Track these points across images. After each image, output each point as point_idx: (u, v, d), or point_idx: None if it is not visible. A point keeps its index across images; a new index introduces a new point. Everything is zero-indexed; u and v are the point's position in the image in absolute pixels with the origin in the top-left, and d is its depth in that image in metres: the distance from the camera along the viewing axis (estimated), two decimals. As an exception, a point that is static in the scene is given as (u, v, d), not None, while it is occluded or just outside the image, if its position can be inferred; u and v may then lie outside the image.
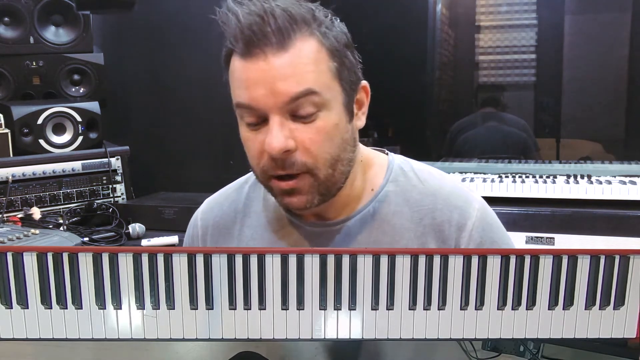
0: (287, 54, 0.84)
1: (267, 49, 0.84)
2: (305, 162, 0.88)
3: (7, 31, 2.30)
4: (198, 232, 1.12)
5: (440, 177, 1.04)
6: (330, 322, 0.81)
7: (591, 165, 2.29)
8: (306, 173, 0.89)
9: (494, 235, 1.00)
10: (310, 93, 0.85)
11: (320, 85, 0.86)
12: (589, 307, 0.82)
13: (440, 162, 2.46)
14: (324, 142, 0.88)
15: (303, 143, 0.87)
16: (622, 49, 2.33)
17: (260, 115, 0.87)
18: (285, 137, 0.86)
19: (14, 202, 2.11)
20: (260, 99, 0.85)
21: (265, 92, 0.84)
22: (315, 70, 0.86)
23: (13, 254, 0.79)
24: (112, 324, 0.81)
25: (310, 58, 0.86)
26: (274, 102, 0.85)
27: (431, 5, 2.53)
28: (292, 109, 0.86)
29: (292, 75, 0.84)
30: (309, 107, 0.86)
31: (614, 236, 1.81)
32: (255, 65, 0.85)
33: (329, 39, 0.88)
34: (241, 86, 0.87)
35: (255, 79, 0.85)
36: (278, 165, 0.88)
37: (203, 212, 1.13)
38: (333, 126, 0.89)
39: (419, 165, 1.06)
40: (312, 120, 0.87)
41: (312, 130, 0.87)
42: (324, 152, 0.88)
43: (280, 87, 0.84)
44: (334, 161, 0.90)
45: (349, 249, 0.93)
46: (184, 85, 2.61)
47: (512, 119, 2.51)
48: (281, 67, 0.84)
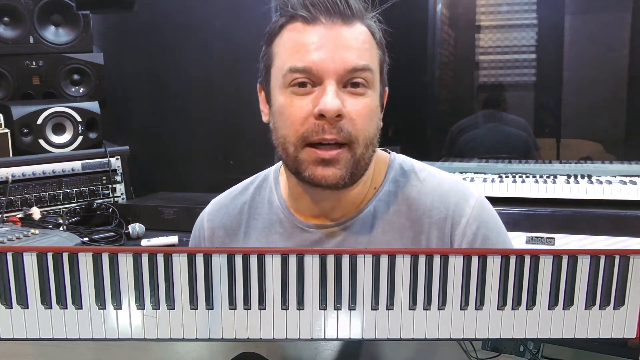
0: (352, 29, 0.90)
1: (335, 18, 0.89)
2: (350, 132, 0.90)
3: (7, 31, 2.30)
4: (205, 233, 1.12)
5: (440, 176, 1.05)
6: (330, 322, 0.81)
7: (591, 165, 2.29)
8: (346, 145, 0.91)
9: (488, 232, 0.99)
10: (367, 69, 0.91)
11: (373, 66, 0.93)
12: (589, 307, 0.82)
13: (441, 162, 2.46)
14: (367, 119, 0.92)
15: (350, 114, 0.90)
16: (622, 49, 2.33)
17: (315, 79, 0.89)
18: (339, 101, 0.88)
19: (14, 202, 2.11)
20: (321, 63, 0.88)
21: (328, 56, 0.88)
22: (371, 51, 0.93)
23: (13, 254, 0.79)
24: (112, 324, 0.81)
25: (368, 42, 0.93)
26: (334, 68, 0.88)
27: (431, 5, 2.53)
28: (349, 79, 0.90)
29: (355, 48, 0.90)
30: (364, 81, 0.91)
31: (614, 236, 1.81)
32: (319, 31, 0.89)
33: (378, 33, 0.96)
34: (301, 50, 0.89)
35: (320, 43, 0.89)
36: (325, 130, 0.89)
37: (209, 213, 1.13)
38: (375, 107, 0.94)
39: (420, 164, 1.06)
40: (361, 94, 0.91)
41: (360, 104, 0.91)
42: (365, 129, 0.92)
43: (345, 55, 0.89)
44: (369, 142, 0.93)
45: (349, 249, 0.93)
46: (183, 85, 2.61)
47: (513, 119, 2.51)
48: (347, 38, 0.89)
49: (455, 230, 0.98)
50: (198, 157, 2.65)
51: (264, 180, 1.11)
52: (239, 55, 2.36)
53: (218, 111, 2.58)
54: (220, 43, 2.48)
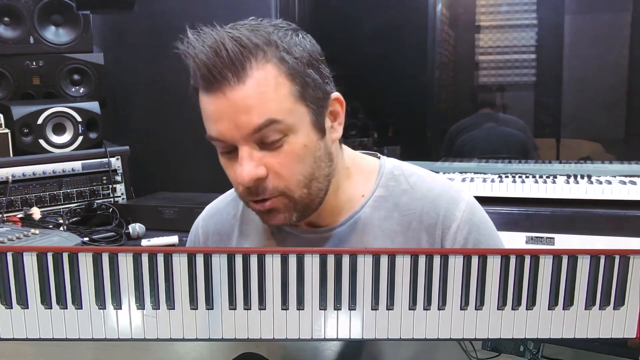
0: (245, 86, 0.85)
1: (224, 83, 0.85)
2: (277, 187, 0.89)
3: (7, 31, 2.30)
4: (200, 239, 1.13)
5: (431, 180, 1.04)
6: (330, 322, 0.81)
7: (591, 165, 2.30)
8: (280, 195, 0.90)
9: (480, 236, 0.99)
10: (272, 122, 0.86)
11: (282, 112, 0.86)
12: (589, 307, 0.82)
13: (440, 162, 2.46)
14: (294, 165, 0.89)
15: (273, 168, 0.88)
16: (622, 49, 2.33)
17: (230, 145, 0.89)
18: (254, 166, 0.87)
19: (14, 202, 2.11)
20: (226, 132, 0.87)
21: (229, 125, 0.86)
22: (275, 97, 0.86)
23: (13, 254, 0.79)
24: (112, 324, 0.80)
25: (268, 86, 0.86)
26: (239, 134, 0.86)
27: (431, 5, 2.53)
28: (258, 138, 0.87)
29: (252, 107, 0.85)
30: (274, 134, 0.87)
31: (614, 236, 1.81)
32: (217, 101, 0.87)
33: (287, 63, 0.87)
34: (208, 120, 0.90)
35: (219, 114, 0.87)
36: (252, 193, 0.90)
37: (204, 218, 1.14)
38: (302, 148, 0.89)
39: (411, 168, 1.05)
40: (279, 146, 0.88)
41: (281, 155, 0.88)
42: (296, 174, 0.90)
43: (243, 120, 0.85)
44: (308, 181, 0.91)
45: (349, 249, 0.93)
46: (184, 85, 2.60)
47: (511, 120, 2.51)
48: (240, 100, 0.85)
49: (446, 235, 0.98)
50: (198, 157, 2.64)
51: None
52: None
53: (218, 111, 2.57)
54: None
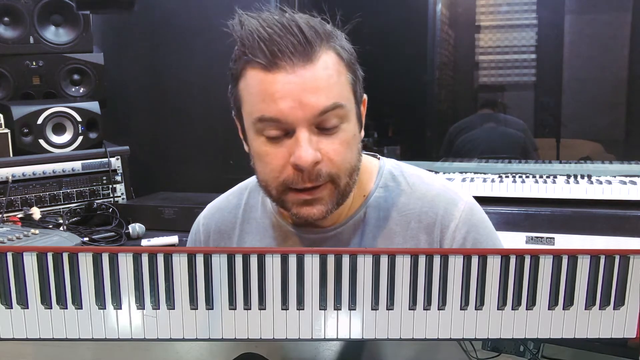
0: (314, 66, 0.85)
1: (295, 60, 0.83)
2: (330, 173, 0.88)
3: (7, 31, 2.30)
4: (200, 237, 1.13)
5: (430, 180, 1.04)
6: (330, 322, 0.81)
7: (591, 165, 2.29)
8: (329, 182, 0.90)
9: (478, 236, 0.99)
10: (337, 107, 0.86)
11: (344, 97, 0.88)
12: (589, 307, 0.82)
13: (440, 162, 2.46)
14: (345, 152, 0.89)
15: (328, 154, 0.88)
16: (622, 49, 2.33)
17: (286, 128, 0.86)
18: (314, 149, 0.86)
19: (14, 202, 2.11)
20: (288, 112, 0.84)
21: (294, 104, 0.84)
22: (339, 82, 0.88)
23: (13, 254, 0.79)
24: (112, 324, 0.81)
25: (334, 71, 0.87)
26: (303, 115, 0.85)
27: (431, 5, 2.53)
28: (319, 121, 0.86)
29: (321, 88, 0.85)
30: (334, 119, 0.87)
31: (614, 236, 1.81)
32: (282, 78, 0.84)
33: (345, 52, 0.90)
34: (265, 99, 0.85)
35: (283, 92, 0.84)
36: (304, 179, 0.88)
37: (205, 217, 1.14)
38: (352, 137, 0.91)
39: (410, 169, 1.06)
40: (336, 132, 0.88)
41: (336, 141, 0.88)
42: (346, 162, 0.90)
43: (311, 100, 0.84)
44: (352, 170, 0.92)
45: (349, 249, 0.94)
46: (183, 85, 2.61)
47: (511, 120, 2.51)
48: (310, 79, 0.84)
49: (445, 234, 0.98)
50: (198, 157, 2.65)
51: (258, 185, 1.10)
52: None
53: (218, 111, 2.56)
54: (220, 43, 2.47)
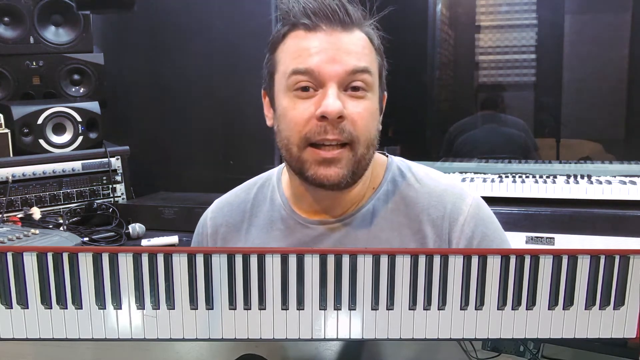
0: (350, 34, 0.94)
1: (335, 25, 0.93)
2: (352, 133, 0.93)
3: (7, 31, 2.30)
4: (207, 230, 1.14)
5: (437, 176, 1.08)
6: (330, 322, 0.81)
7: (591, 165, 2.30)
8: (348, 145, 0.93)
9: (486, 230, 1.01)
10: (367, 71, 0.94)
11: (373, 69, 0.96)
12: (589, 307, 0.82)
13: (440, 162, 2.46)
14: (368, 120, 0.95)
15: (352, 115, 0.93)
16: (622, 49, 2.33)
17: (316, 82, 0.92)
18: (340, 103, 0.91)
19: (14, 202, 2.11)
20: (323, 66, 0.91)
21: (329, 60, 0.91)
22: (370, 55, 0.96)
23: (13, 254, 0.79)
24: (112, 324, 0.81)
25: (366, 46, 0.96)
26: (335, 71, 0.91)
27: (431, 5, 2.53)
28: (349, 81, 0.92)
29: (354, 52, 0.93)
30: (363, 84, 0.94)
31: (614, 236, 1.81)
32: (320, 37, 0.93)
33: (377, 40, 0.99)
34: (303, 54, 0.93)
35: (321, 47, 0.92)
36: (327, 130, 0.92)
37: (213, 211, 1.16)
38: (375, 110, 0.97)
39: (417, 166, 1.10)
40: (362, 97, 0.94)
41: (361, 106, 0.94)
42: (367, 130, 0.95)
43: (345, 58, 0.92)
44: (370, 143, 0.96)
45: (349, 249, 0.94)
46: (184, 85, 2.61)
47: (511, 120, 2.51)
48: (347, 42, 0.93)
49: (453, 228, 1.00)
50: (198, 157, 2.65)
51: (267, 180, 1.14)
52: (239, 55, 2.36)
53: (218, 111, 2.58)
54: (220, 43, 2.48)
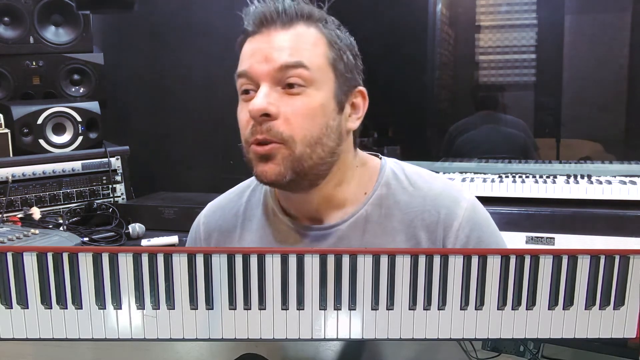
0: (287, 32, 0.94)
1: (272, 27, 0.94)
2: (282, 132, 0.91)
3: (7, 31, 2.30)
4: (201, 235, 1.13)
5: (431, 179, 1.05)
6: (330, 322, 0.81)
7: (591, 165, 2.29)
8: (282, 143, 0.92)
9: (482, 234, 1.00)
10: (300, 66, 0.91)
11: (312, 64, 0.93)
12: (589, 307, 0.82)
13: (440, 162, 2.46)
14: (305, 118, 0.92)
15: (285, 114, 0.91)
16: (622, 49, 2.33)
17: (254, 83, 0.93)
18: (268, 102, 0.91)
19: (14, 202, 2.11)
20: (255, 66, 0.93)
21: (260, 59, 0.92)
22: (310, 50, 0.93)
23: (13, 254, 0.79)
24: (112, 324, 0.81)
25: (307, 41, 0.94)
26: (265, 70, 0.91)
27: (431, 5, 2.53)
28: (281, 78, 0.91)
29: (287, 47, 0.92)
30: (298, 79, 0.92)
31: (614, 236, 1.81)
32: (258, 39, 0.94)
33: (331, 33, 0.96)
34: (243, 58, 0.96)
35: (255, 49, 0.94)
36: (256, 130, 0.92)
37: (205, 215, 1.14)
38: (318, 106, 0.93)
39: (411, 168, 1.07)
40: (299, 93, 0.92)
41: (297, 103, 0.92)
42: (303, 128, 0.92)
43: (274, 55, 0.92)
44: (313, 142, 0.93)
45: (349, 249, 0.93)
46: (184, 85, 2.61)
47: (511, 120, 2.51)
48: (279, 41, 0.93)
49: (448, 233, 0.99)
50: (198, 157, 2.65)
51: (259, 184, 1.10)
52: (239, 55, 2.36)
53: (218, 111, 2.57)
54: (220, 43, 2.47)
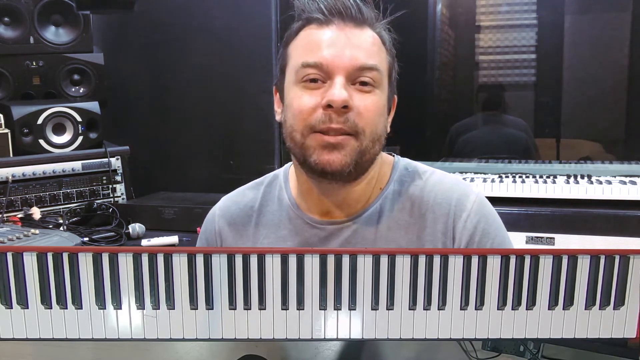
0: (362, 31, 0.97)
1: (347, 21, 0.96)
2: (356, 123, 0.94)
3: (7, 31, 2.30)
4: (215, 227, 1.15)
5: (442, 175, 1.10)
6: (330, 322, 0.81)
7: (591, 165, 2.29)
8: (353, 135, 0.94)
9: (488, 227, 1.03)
10: (375, 69, 0.96)
11: (383, 68, 0.98)
12: (589, 307, 0.82)
13: (440, 162, 2.46)
14: (374, 114, 0.96)
15: (358, 107, 0.94)
16: (622, 49, 2.33)
17: (325, 75, 0.94)
18: (346, 93, 0.93)
19: (14, 202, 2.11)
20: (332, 59, 0.93)
21: (339, 53, 0.94)
22: (380, 54, 0.98)
23: (13, 254, 0.79)
24: (112, 324, 0.81)
25: (377, 45, 0.98)
26: (343, 65, 0.93)
27: (431, 5, 2.53)
28: (357, 76, 0.94)
29: (365, 48, 0.95)
30: (371, 80, 0.96)
31: (614, 236, 1.81)
32: (332, 32, 0.95)
33: (388, 41, 1.01)
34: (314, 48, 0.95)
35: (332, 41, 0.95)
36: (332, 119, 0.93)
37: (221, 208, 1.16)
38: (382, 106, 0.98)
39: (423, 166, 1.12)
40: (369, 91, 0.96)
41: (368, 100, 0.95)
42: (372, 123, 0.96)
43: (355, 53, 0.94)
44: (375, 137, 0.97)
45: (349, 249, 0.94)
46: (184, 85, 2.61)
47: (512, 120, 2.51)
48: (357, 39, 0.95)
49: (457, 223, 1.02)
50: (198, 157, 2.65)
51: (274, 179, 1.15)
52: (239, 55, 2.36)
53: (218, 111, 2.58)
54: (221, 43, 2.48)
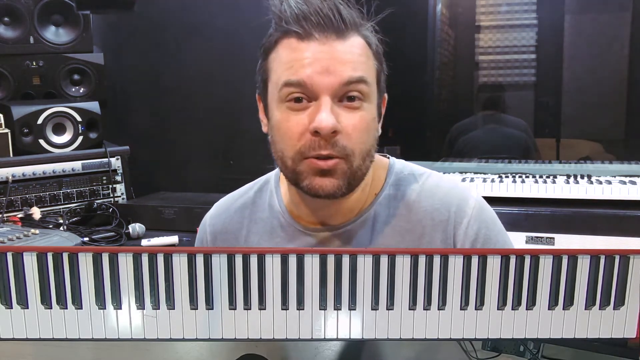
0: (345, 42, 0.89)
1: (329, 33, 0.88)
2: (346, 146, 0.89)
3: (7, 31, 2.31)
4: (207, 237, 1.13)
5: (439, 178, 1.06)
6: (330, 322, 0.81)
7: (591, 165, 2.30)
8: (342, 158, 0.90)
9: (489, 232, 1.01)
10: (362, 81, 0.90)
11: (370, 77, 0.92)
12: (589, 307, 0.82)
13: (440, 162, 2.46)
14: (363, 132, 0.91)
15: (346, 129, 0.89)
16: (622, 49, 2.33)
17: (310, 94, 0.89)
18: (334, 118, 0.88)
19: (14, 202, 2.12)
20: (315, 78, 0.88)
21: (322, 71, 0.87)
22: (366, 63, 0.92)
23: (13, 254, 0.79)
24: (112, 324, 0.81)
25: (362, 53, 0.92)
26: (329, 83, 0.88)
27: (431, 5, 2.53)
28: (344, 92, 0.89)
29: (350, 61, 0.89)
30: (359, 94, 0.90)
31: (614, 236, 1.81)
32: (313, 46, 0.88)
33: (374, 43, 0.95)
34: (295, 65, 0.89)
35: (314, 58, 0.88)
36: (321, 145, 0.89)
37: (211, 217, 1.14)
38: (372, 119, 0.93)
39: (419, 168, 1.08)
40: (357, 108, 0.90)
41: (356, 118, 0.90)
42: (362, 142, 0.92)
43: (339, 68, 0.88)
44: (366, 154, 0.93)
45: (349, 249, 0.94)
46: (184, 85, 2.61)
47: (512, 120, 2.51)
48: (341, 51, 0.89)
49: (458, 230, 0.99)
50: (198, 157, 2.66)
51: (265, 184, 1.11)
52: (239, 55, 2.36)
53: (218, 111, 2.58)
54: (221, 42, 2.48)
